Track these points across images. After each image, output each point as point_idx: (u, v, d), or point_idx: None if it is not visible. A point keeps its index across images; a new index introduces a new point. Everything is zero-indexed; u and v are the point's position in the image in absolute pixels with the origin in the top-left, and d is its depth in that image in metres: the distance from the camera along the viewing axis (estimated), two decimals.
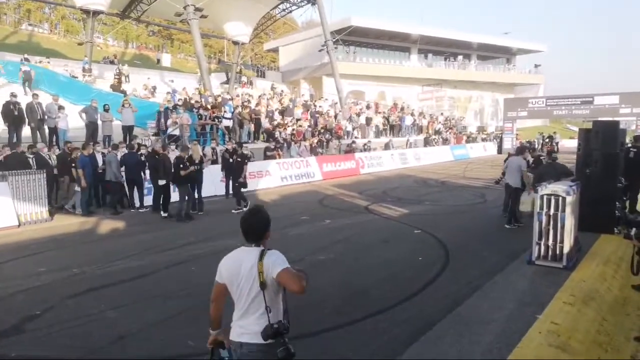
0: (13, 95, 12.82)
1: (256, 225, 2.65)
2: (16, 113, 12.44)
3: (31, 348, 4.37)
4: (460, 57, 46.64)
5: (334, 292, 5.69)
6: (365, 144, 22.68)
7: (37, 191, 10.04)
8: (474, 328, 4.55)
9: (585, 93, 30.10)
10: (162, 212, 10.77)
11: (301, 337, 4.53)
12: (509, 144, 30.53)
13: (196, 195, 11.17)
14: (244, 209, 10.81)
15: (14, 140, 12.21)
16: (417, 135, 29.40)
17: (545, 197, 6.41)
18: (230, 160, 11.94)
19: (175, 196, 11.07)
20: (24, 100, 13.49)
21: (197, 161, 10.92)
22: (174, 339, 4.53)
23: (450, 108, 43.35)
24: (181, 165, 10.33)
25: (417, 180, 17.86)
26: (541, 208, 6.44)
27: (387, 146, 24.24)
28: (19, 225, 9.61)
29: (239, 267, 2.57)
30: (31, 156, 10.78)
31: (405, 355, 4.06)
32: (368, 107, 29.09)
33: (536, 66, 52.31)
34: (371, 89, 39.66)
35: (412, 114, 31.39)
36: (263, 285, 2.46)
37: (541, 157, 10.60)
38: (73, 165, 10.65)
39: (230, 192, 12.25)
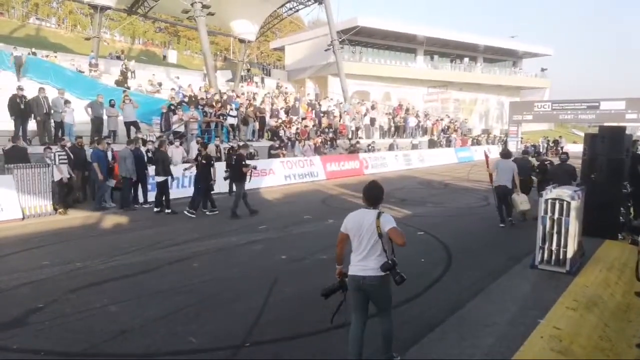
0: (20, 88, 12.85)
1: (376, 195, 3.74)
2: (22, 106, 12.48)
3: (33, 340, 4.40)
4: (466, 60, 46.56)
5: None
6: (369, 145, 22.68)
7: (42, 185, 10.08)
8: (475, 331, 4.54)
9: (591, 98, 29.95)
10: (165, 210, 10.83)
11: (303, 336, 4.54)
12: (513, 148, 30.43)
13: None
14: (213, 212, 10.79)
15: (20, 133, 12.25)
16: (422, 136, 29.36)
17: (549, 201, 6.38)
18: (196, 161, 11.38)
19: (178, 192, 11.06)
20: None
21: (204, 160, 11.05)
22: (175, 334, 4.55)
23: (455, 110, 43.22)
24: (243, 162, 10.62)
25: (421, 181, 17.83)
26: (545, 212, 6.41)
27: (391, 147, 24.22)
28: (23, 218, 9.67)
29: (362, 222, 3.65)
30: (63, 152, 10.83)
31: (407, 356, 4.05)
32: (373, 107, 29.06)
33: (542, 70, 52.19)
34: (376, 90, 39.63)
35: (417, 116, 31.35)
36: (380, 236, 3.55)
37: (546, 162, 10.54)
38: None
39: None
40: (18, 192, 9.71)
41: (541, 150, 30.08)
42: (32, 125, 13.10)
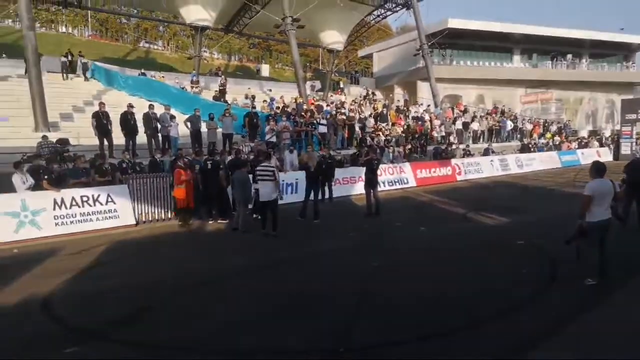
0: (130, 106, 14.23)
1: (605, 169, 5.88)
2: (132, 123, 13.79)
3: (144, 336, 4.79)
4: (569, 56, 42.98)
5: (429, 301, 5.52)
6: (465, 149, 21.82)
7: (155, 193, 10.96)
8: (585, 351, 4.15)
9: None
10: (253, 215, 11.07)
11: (396, 344, 4.46)
12: (627, 149, 27.56)
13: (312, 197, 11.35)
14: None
15: (130, 147, 13.51)
16: (520, 140, 27.70)
17: None
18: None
19: None
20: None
21: (312, 168, 11.21)
22: (270, 335, 4.70)
23: (558, 111, 40.17)
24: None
25: (520, 187, 16.78)
26: None
27: (486, 152, 23.11)
28: (136, 224, 10.59)
29: (604, 188, 5.80)
30: (270, 168, 11.08)
31: None
32: (465, 111, 28.01)
33: None
34: (469, 93, 38.14)
35: (515, 118, 29.69)
36: (615, 196, 5.97)
37: None
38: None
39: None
40: (133, 200, 10.69)
41: None
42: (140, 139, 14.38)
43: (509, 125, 27.74)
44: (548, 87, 38.83)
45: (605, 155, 29.14)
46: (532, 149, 26.05)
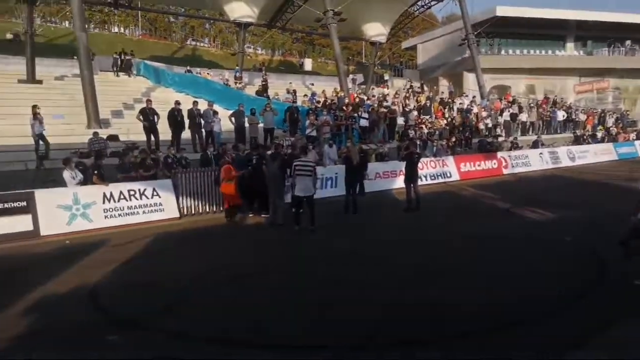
0: (177, 103, 14.68)
1: None
2: (179, 119, 14.22)
3: (180, 325, 4.92)
4: (628, 42, 40.33)
5: (469, 299, 5.39)
6: (513, 141, 21.01)
7: (199, 187, 11.20)
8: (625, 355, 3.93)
9: None
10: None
11: (422, 343, 4.38)
12: None
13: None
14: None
15: (175, 142, 13.93)
16: (572, 132, 26.40)
17: None
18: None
19: None
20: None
21: (355, 162, 11.17)
22: (300, 329, 4.74)
23: (615, 100, 37.94)
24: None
25: (570, 182, 16.03)
26: None
27: (535, 144, 22.17)
28: (180, 217, 10.91)
29: None
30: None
31: None
32: (513, 102, 26.97)
33: None
34: (518, 83, 36.65)
35: (569, 108, 28.31)
36: None
37: None
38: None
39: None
40: (177, 194, 11.00)
41: None
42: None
43: (560, 115, 26.49)
44: (604, 75, 36.70)
45: None
46: (586, 141, 24.76)
